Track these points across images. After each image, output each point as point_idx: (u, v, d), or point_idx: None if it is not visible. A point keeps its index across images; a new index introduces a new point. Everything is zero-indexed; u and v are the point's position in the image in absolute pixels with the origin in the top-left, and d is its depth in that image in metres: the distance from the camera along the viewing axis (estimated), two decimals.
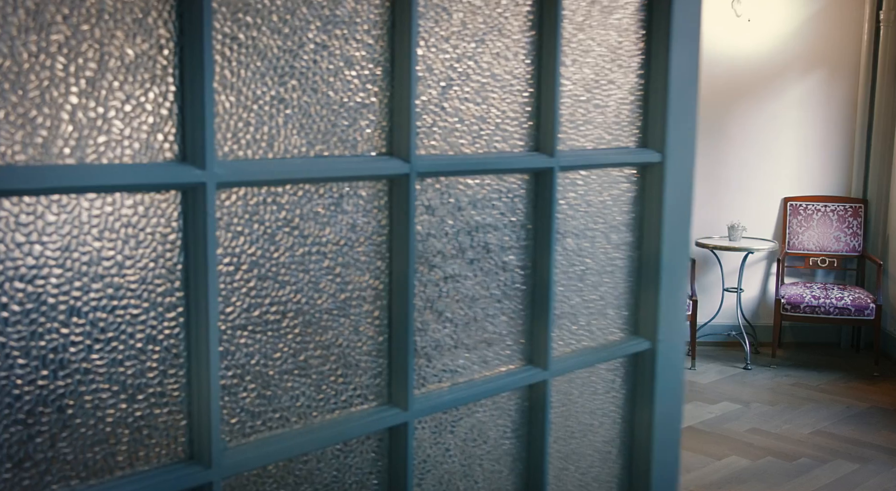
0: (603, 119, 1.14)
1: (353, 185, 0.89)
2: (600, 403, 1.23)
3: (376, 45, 0.89)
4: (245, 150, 0.81)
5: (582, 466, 1.22)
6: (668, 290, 1.22)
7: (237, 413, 0.83)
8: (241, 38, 0.79)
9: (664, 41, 1.17)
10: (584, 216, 1.14)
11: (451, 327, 1.01)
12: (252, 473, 0.85)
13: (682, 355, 1.28)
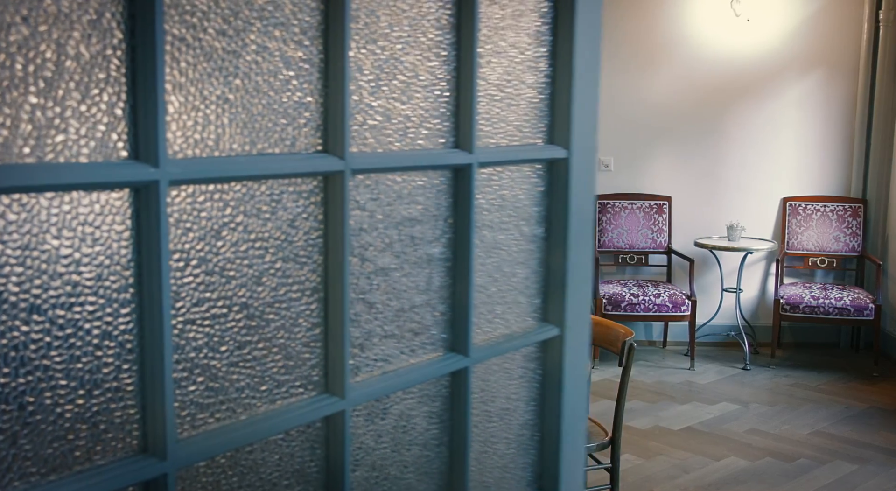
0: (515, 117, 1.20)
1: (293, 182, 0.93)
2: (516, 388, 1.28)
3: (312, 46, 0.92)
4: (193, 148, 0.84)
5: (500, 449, 1.27)
6: (575, 278, 1.29)
7: (187, 406, 0.86)
8: (188, 39, 0.82)
9: (568, 44, 1.22)
10: (498, 210, 1.19)
11: (382, 318, 1.05)
12: (202, 464, 0.88)
13: (587, 340, 1.34)
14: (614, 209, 6.27)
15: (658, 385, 5.51)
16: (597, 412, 4.66)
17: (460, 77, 1.09)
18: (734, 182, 6.35)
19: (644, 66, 6.27)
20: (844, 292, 5.84)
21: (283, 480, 0.97)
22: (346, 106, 0.95)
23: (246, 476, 0.93)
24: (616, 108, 6.32)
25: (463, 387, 1.16)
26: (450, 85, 1.09)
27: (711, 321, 6.33)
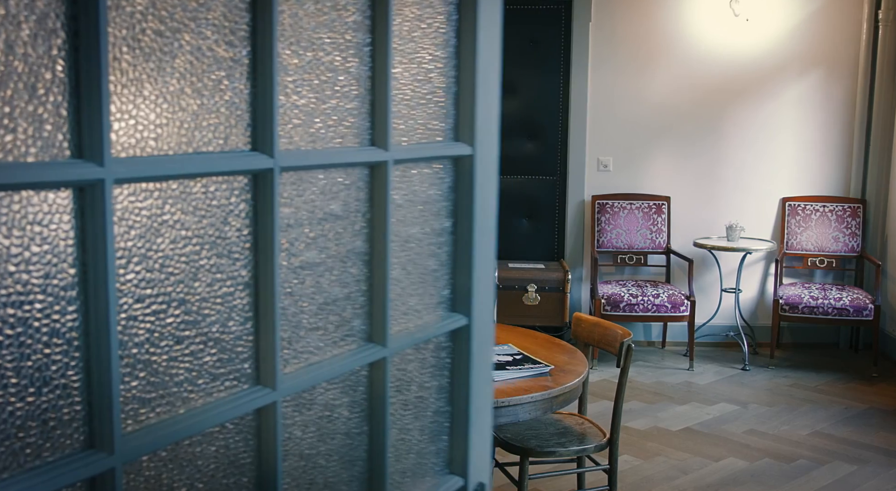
0: (424, 117, 1.26)
1: (226, 180, 0.97)
2: (428, 377, 1.34)
3: (241, 47, 0.96)
4: (134, 147, 0.86)
5: (414, 436, 1.33)
6: (480, 270, 1.37)
7: (130, 401, 0.88)
8: (129, 40, 0.84)
9: (471, 48, 1.30)
10: (410, 205, 1.25)
11: (308, 311, 1.09)
12: (144, 458, 0.91)
13: (492, 329, 1.43)
14: (613, 209, 6.26)
15: (657, 386, 5.50)
16: (595, 413, 4.65)
17: (375, 78, 1.14)
18: (733, 182, 6.34)
19: (643, 66, 6.26)
20: (843, 293, 5.83)
21: (219, 472, 1.00)
22: (275, 105, 0.98)
23: (185, 468, 0.96)
24: (615, 107, 6.31)
25: (381, 377, 1.21)
26: (366, 85, 1.14)
27: (710, 322, 6.32)
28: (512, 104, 6.40)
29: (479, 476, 1.43)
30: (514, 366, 3.10)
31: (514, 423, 3.29)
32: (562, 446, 3.25)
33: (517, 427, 3.36)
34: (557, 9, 6.31)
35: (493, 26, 1.32)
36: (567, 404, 3.07)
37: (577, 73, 6.28)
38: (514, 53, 6.34)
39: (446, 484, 1.38)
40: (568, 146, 6.38)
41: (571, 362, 3.24)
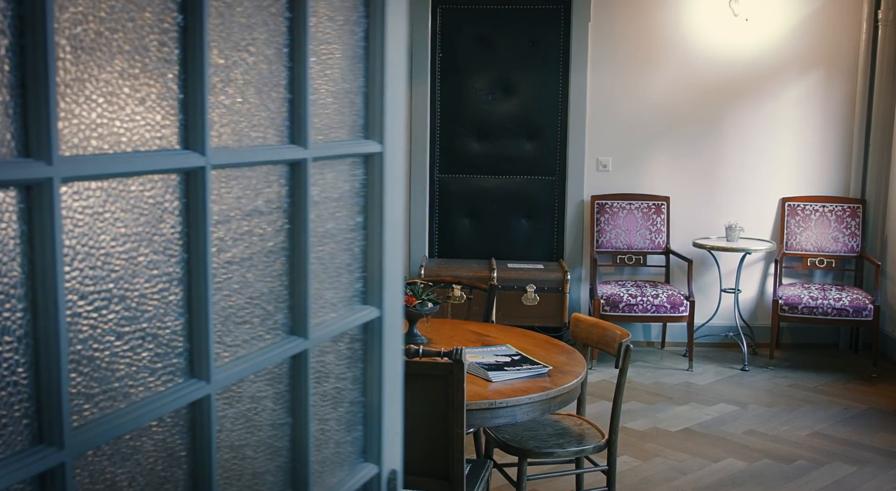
0: (340, 116, 1.32)
1: (163, 178, 1.00)
2: (343, 368, 1.39)
3: (173, 47, 0.99)
4: (78, 146, 0.88)
5: (332, 426, 1.38)
6: (390, 263, 1.44)
7: (74, 397, 0.91)
8: (72, 39, 0.87)
9: (380, 52, 1.37)
10: (326, 201, 1.30)
11: (236, 306, 1.13)
12: (89, 453, 0.93)
13: (401, 321, 1.49)
14: (612, 209, 6.26)
15: (656, 386, 5.49)
16: (594, 414, 4.64)
17: (295, 78, 1.19)
18: (733, 182, 6.34)
19: (642, 66, 6.25)
20: (843, 293, 5.82)
21: (158, 465, 1.02)
22: (206, 105, 1.02)
23: (126, 463, 0.98)
24: (614, 107, 6.30)
25: (303, 369, 1.26)
26: (286, 86, 1.18)
27: (710, 322, 6.31)
28: (511, 104, 6.39)
29: (393, 464, 1.50)
30: (512, 367, 3.09)
31: (513, 424, 3.28)
32: (560, 447, 3.24)
33: (515, 428, 3.35)
34: (557, 9, 6.30)
35: (400, 33, 1.41)
36: (565, 405, 3.07)
37: (576, 73, 6.27)
38: (514, 53, 6.34)
39: (362, 472, 1.44)
40: (567, 146, 6.37)
41: (570, 363, 3.24)
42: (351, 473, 1.42)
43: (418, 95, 6.31)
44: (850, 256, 6.21)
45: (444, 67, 6.37)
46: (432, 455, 2.71)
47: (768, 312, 6.25)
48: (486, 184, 6.47)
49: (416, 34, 6.26)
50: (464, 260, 6.37)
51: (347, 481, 1.40)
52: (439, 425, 2.68)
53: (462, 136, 6.43)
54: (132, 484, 0.99)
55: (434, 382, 2.65)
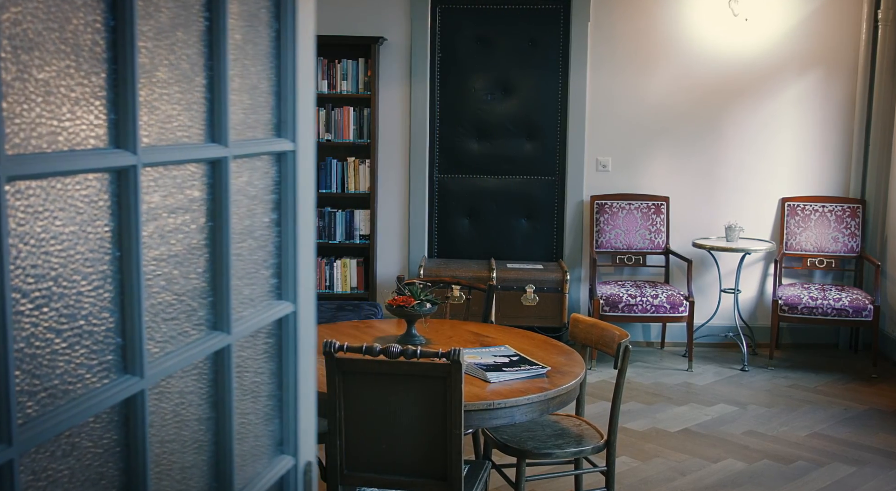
0: (255, 115, 1.36)
1: (97, 177, 1.02)
2: (262, 362, 1.44)
3: (105, 47, 1.02)
4: (20, 146, 0.90)
5: (252, 420, 1.42)
6: (304, 259, 1.49)
7: (19, 394, 0.92)
8: (12, 39, 0.88)
9: (292, 50, 1.42)
10: (243, 199, 1.34)
11: (165, 303, 1.16)
12: (31, 450, 0.95)
13: (314, 315, 1.54)
14: (612, 210, 6.25)
15: (655, 386, 5.48)
16: (593, 414, 4.64)
17: (214, 77, 1.23)
18: (732, 182, 6.33)
19: (642, 66, 6.24)
20: (843, 293, 5.82)
21: (95, 462, 1.04)
22: (136, 103, 1.04)
23: (66, 459, 1.00)
24: (614, 107, 6.30)
25: (227, 363, 1.29)
26: (207, 84, 1.22)
27: (709, 322, 6.30)
28: (511, 104, 6.38)
29: (308, 455, 1.55)
30: (510, 367, 3.09)
31: (511, 424, 3.27)
32: (559, 448, 3.23)
33: (514, 429, 3.34)
34: (556, 9, 6.29)
35: (309, 34, 1.47)
36: (564, 406, 3.06)
37: (575, 72, 6.26)
38: (513, 53, 6.33)
39: (280, 464, 1.48)
40: (567, 146, 6.36)
41: (568, 364, 3.23)
42: (269, 466, 1.46)
43: (418, 95, 6.30)
44: (850, 257, 6.20)
45: (443, 67, 6.37)
46: (430, 456, 2.70)
47: (768, 312, 6.24)
48: (486, 184, 6.46)
49: (416, 34, 6.26)
50: (463, 260, 6.37)
51: (266, 474, 1.44)
52: (437, 426, 2.67)
53: (461, 136, 6.42)
54: (72, 480, 1.00)
55: (432, 382, 2.65)
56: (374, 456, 2.74)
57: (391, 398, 2.69)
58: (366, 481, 2.76)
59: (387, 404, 2.70)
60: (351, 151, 6.28)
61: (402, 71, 6.29)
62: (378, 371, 2.68)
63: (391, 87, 6.29)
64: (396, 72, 6.28)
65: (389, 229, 6.40)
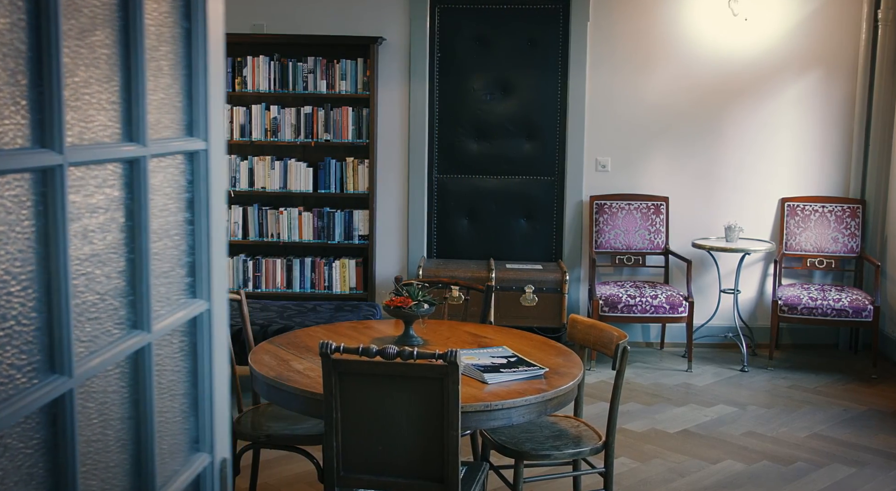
0: (169, 114, 1.39)
1: (23, 177, 1.03)
2: (178, 360, 1.46)
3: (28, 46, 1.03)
4: None
5: (169, 417, 1.43)
6: (217, 257, 1.51)
7: None
8: None
9: (203, 50, 1.44)
10: (159, 198, 1.35)
11: (88, 303, 1.17)
12: None
13: (227, 313, 1.56)
14: (611, 210, 6.24)
15: (655, 387, 5.47)
16: (593, 415, 4.62)
17: (132, 77, 1.25)
18: (732, 183, 6.31)
19: (641, 66, 6.23)
20: (843, 293, 5.80)
21: (26, 463, 1.05)
22: (62, 103, 1.05)
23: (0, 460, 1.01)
24: (613, 107, 6.28)
25: (147, 362, 1.32)
26: (124, 84, 1.25)
27: (709, 323, 6.29)
28: (510, 104, 6.37)
29: (223, 452, 1.57)
30: (508, 368, 3.07)
31: (509, 425, 3.26)
32: (557, 450, 3.22)
33: (512, 430, 3.33)
34: (555, 8, 6.28)
35: (219, 35, 1.50)
36: (562, 407, 3.05)
37: (575, 72, 6.25)
38: (512, 53, 6.32)
39: (197, 461, 1.51)
40: (566, 146, 6.35)
41: (566, 365, 3.22)
42: (187, 464, 1.48)
43: (417, 95, 6.29)
44: (850, 257, 6.19)
45: (442, 67, 6.36)
46: (427, 458, 2.69)
47: (768, 312, 6.23)
48: (485, 184, 6.45)
49: (415, 34, 6.25)
50: (462, 260, 6.35)
51: (184, 472, 1.46)
52: (434, 428, 2.66)
53: (461, 136, 6.41)
54: (3, 481, 1.01)
55: (428, 384, 2.63)
56: (371, 457, 2.73)
57: (388, 399, 2.68)
58: (362, 483, 2.75)
59: (383, 406, 2.68)
60: (350, 152, 6.27)
61: (402, 71, 6.28)
62: (375, 372, 2.67)
63: (390, 87, 6.28)
64: (395, 72, 6.27)
65: (388, 230, 6.39)
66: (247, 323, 3.77)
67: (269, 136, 6.16)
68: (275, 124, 6.15)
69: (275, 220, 6.26)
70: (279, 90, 6.12)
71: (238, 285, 6.24)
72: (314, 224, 6.25)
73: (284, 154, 6.28)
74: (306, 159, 6.25)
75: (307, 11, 6.24)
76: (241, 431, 3.37)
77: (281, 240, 6.25)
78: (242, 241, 6.26)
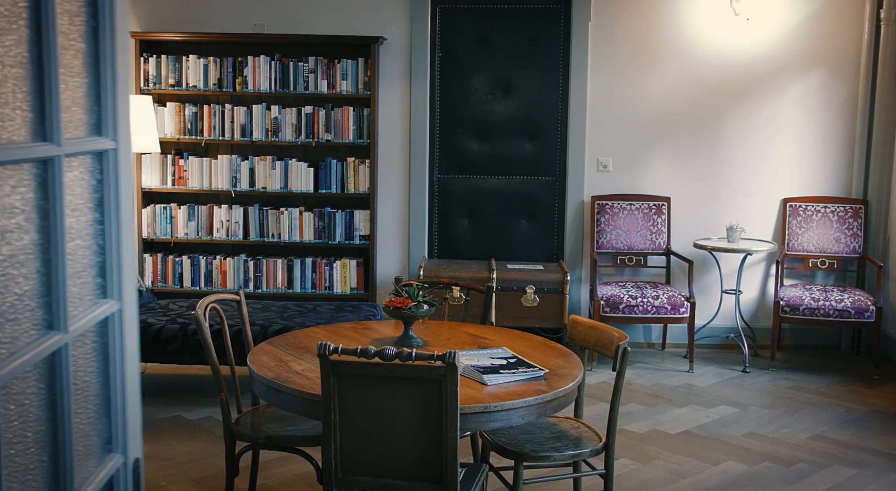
0: (79, 114, 1.39)
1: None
2: (91, 361, 1.47)
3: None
4: None
5: (83, 419, 1.45)
6: (127, 257, 1.53)
7: None
8: None
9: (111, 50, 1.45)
10: (72, 198, 1.37)
11: (7, 304, 1.18)
12: None
13: (137, 312, 1.58)
14: (613, 210, 6.22)
15: (656, 388, 5.45)
16: (593, 415, 4.61)
17: (44, 76, 1.25)
18: (734, 183, 6.30)
19: (643, 66, 6.21)
20: (845, 294, 5.78)
21: None
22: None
23: None
24: (615, 107, 6.27)
25: (64, 363, 1.32)
26: (37, 84, 1.25)
27: (711, 323, 6.27)
28: (511, 104, 6.36)
29: (136, 452, 1.59)
30: (507, 370, 3.06)
31: (509, 427, 3.24)
32: (557, 451, 3.21)
33: (512, 431, 3.32)
34: (557, 8, 6.26)
35: (125, 34, 1.51)
36: (562, 408, 3.03)
37: (576, 72, 6.24)
38: (514, 53, 6.30)
39: (111, 462, 1.52)
40: (567, 146, 6.34)
41: (566, 366, 3.20)
42: (101, 464, 1.49)
43: (418, 95, 6.28)
44: (852, 257, 6.17)
45: (443, 67, 6.34)
46: (426, 459, 2.68)
47: (769, 313, 6.21)
48: (486, 184, 6.43)
49: (416, 34, 6.23)
50: (463, 261, 6.34)
51: (99, 473, 1.46)
52: (433, 429, 2.65)
53: (462, 136, 6.40)
54: None
55: (427, 385, 2.62)
56: (370, 459, 2.71)
57: (386, 401, 2.67)
58: (361, 484, 2.74)
59: (382, 407, 2.67)
60: (350, 152, 6.25)
61: (402, 71, 6.26)
62: (373, 374, 2.66)
63: (391, 87, 6.26)
64: (396, 72, 6.26)
65: (389, 230, 6.38)
66: (246, 323, 3.76)
67: (270, 136, 6.15)
68: (275, 124, 6.14)
69: (275, 221, 6.25)
70: (280, 90, 6.11)
71: (239, 285, 6.23)
72: (315, 224, 6.24)
73: (285, 154, 6.27)
74: (307, 159, 6.24)
75: (308, 11, 6.23)
76: (240, 432, 3.35)
77: (282, 240, 6.24)
78: (243, 241, 6.25)
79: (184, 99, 6.19)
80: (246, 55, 6.11)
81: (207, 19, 6.24)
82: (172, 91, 6.14)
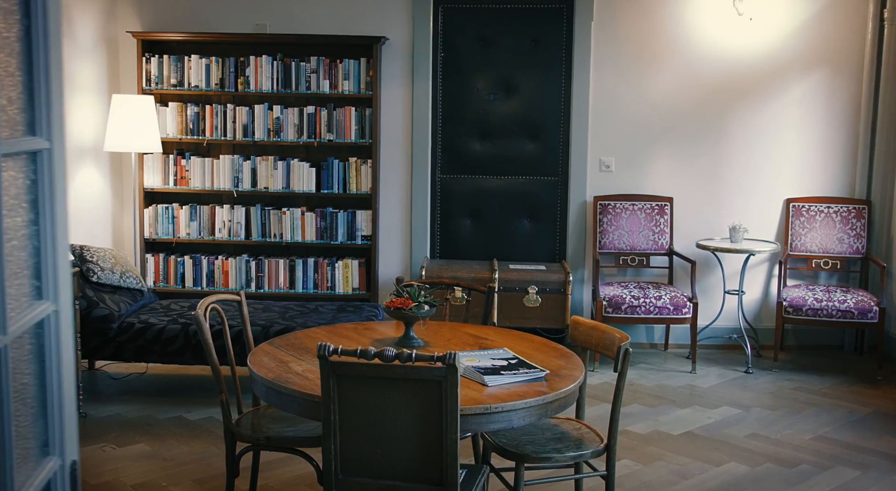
0: (12, 114, 1.38)
1: None
2: (28, 363, 1.46)
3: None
4: None
5: (20, 422, 1.43)
6: (62, 258, 1.50)
7: None
8: None
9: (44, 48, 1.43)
10: (6, 198, 1.36)
11: None
12: None
13: (72, 314, 1.59)
14: (615, 210, 6.21)
15: (658, 389, 5.44)
16: (595, 416, 4.60)
17: None
18: (736, 183, 6.28)
19: (645, 66, 6.20)
20: (848, 295, 5.77)
21: None
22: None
23: None
24: (617, 107, 6.25)
25: (3, 365, 1.31)
26: None
27: (713, 324, 6.26)
28: (513, 104, 6.35)
29: (73, 454, 1.58)
30: (508, 370, 3.05)
31: (510, 428, 3.23)
32: (558, 452, 3.20)
33: (513, 432, 3.31)
34: (559, 8, 6.25)
35: (58, 32, 1.50)
36: (563, 409, 3.02)
37: (578, 72, 6.22)
38: (516, 53, 6.29)
39: (48, 465, 1.51)
40: (570, 146, 6.32)
41: (568, 367, 3.19)
42: (39, 468, 1.48)
43: (420, 95, 6.27)
44: (856, 258, 6.15)
45: (445, 67, 6.33)
46: (426, 460, 2.67)
47: (772, 313, 6.19)
48: (488, 184, 6.42)
49: (418, 33, 6.23)
50: (465, 261, 6.33)
51: (37, 476, 1.45)
52: (433, 431, 2.64)
53: (464, 136, 6.39)
54: None
55: (427, 386, 2.61)
56: (370, 460, 2.71)
57: (387, 402, 2.66)
58: (361, 486, 2.73)
59: (382, 408, 2.66)
60: (353, 152, 6.25)
61: (404, 71, 6.26)
62: (373, 375, 2.65)
63: (393, 87, 6.26)
64: (398, 72, 6.25)
65: (391, 230, 6.37)
66: (247, 324, 3.76)
67: (272, 136, 6.15)
68: (277, 124, 6.13)
69: (277, 221, 6.24)
70: (282, 90, 6.10)
71: (241, 286, 6.23)
72: (317, 224, 6.23)
73: (287, 154, 6.26)
74: (309, 159, 6.24)
75: (310, 11, 6.22)
76: (240, 432, 3.35)
77: (284, 240, 6.24)
78: (245, 241, 6.25)
79: (186, 99, 6.19)
80: (248, 55, 6.10)
81: (209, 19, 6.23)
82: (174, 91, 6.14)
